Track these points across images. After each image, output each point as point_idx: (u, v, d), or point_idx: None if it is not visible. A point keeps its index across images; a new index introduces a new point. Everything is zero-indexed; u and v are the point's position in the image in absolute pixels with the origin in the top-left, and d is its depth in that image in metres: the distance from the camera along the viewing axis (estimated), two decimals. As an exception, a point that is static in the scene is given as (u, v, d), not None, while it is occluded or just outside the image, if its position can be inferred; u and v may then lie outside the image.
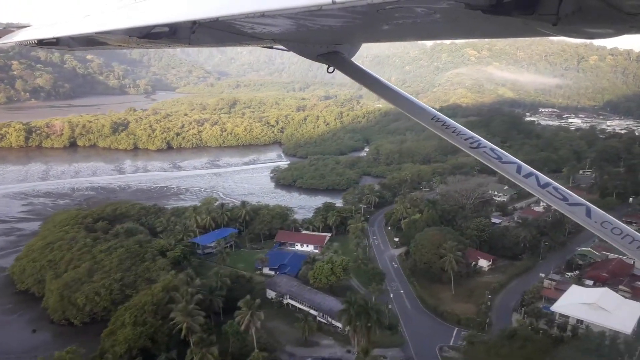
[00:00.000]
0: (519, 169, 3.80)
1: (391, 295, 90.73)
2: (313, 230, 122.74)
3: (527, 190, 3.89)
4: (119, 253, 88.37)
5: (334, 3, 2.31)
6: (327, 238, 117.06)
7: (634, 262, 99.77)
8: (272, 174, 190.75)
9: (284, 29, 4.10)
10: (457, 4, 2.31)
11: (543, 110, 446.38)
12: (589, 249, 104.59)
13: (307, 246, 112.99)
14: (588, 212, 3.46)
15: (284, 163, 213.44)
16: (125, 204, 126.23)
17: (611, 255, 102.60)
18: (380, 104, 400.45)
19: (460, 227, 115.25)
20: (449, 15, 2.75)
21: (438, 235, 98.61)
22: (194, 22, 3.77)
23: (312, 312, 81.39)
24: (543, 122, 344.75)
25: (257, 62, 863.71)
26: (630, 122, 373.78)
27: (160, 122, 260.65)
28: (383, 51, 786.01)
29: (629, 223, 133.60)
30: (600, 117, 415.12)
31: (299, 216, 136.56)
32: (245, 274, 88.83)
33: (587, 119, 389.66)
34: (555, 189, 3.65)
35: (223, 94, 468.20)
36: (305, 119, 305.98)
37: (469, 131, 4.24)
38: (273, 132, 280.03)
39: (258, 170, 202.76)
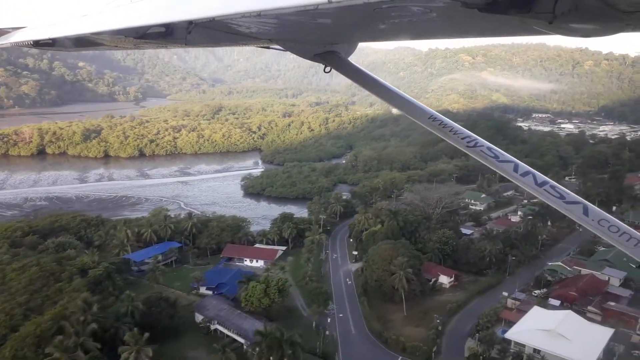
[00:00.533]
0: (516, 168, 3.83)
1: (336, 317, 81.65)
2: (268, 244, 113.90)
3: (524, 188, 3.89)
4: (31, 272, 79.31)
5: (330, 2, 2.29)
6: (279, 252, 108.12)
7: (608, 278, 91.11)
8: (242, 182, 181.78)
9: (281, 28, 4.17)
10: (453, 2, 2.30)
11: (536, 115, 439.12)
12: (559, 263, 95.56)
13: (257, 261, 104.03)
14: (585, 211, 3.49)
15: (258, 170, 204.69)
16: (66, 216, 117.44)
17: (584, 271, 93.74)
18: (368, 110, 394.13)
19: (422, 239, 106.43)
20: (445, 14, 2.76)
21: (390, 249, 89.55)
22: (190, 22, 3.71)
23: (240, 339, 72.32)
24: (535, 128, 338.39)
25: (254, 69, 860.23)
26: (624, 127, 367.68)
27: (135, 128, 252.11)
28: (379, 57, 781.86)
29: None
30: (594, 122, 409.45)
31: (259, 227, 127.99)
32: (171, 297, 79.56)
33: (579, 125, 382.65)
34: (553, 187, 3.65)
35: (214, 101, 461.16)
36: (289, 125, 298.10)
37: (466, 130, 4.25)
38: (253, 138, 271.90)
39: (229, 179, 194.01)
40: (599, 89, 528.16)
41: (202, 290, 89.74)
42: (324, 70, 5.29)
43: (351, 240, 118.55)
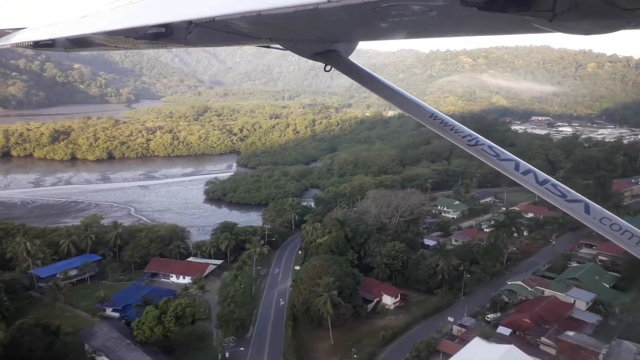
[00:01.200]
0: (517, 166, 3.80)
1: (250, 348, 70.40)
2: (205, 257, 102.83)
3: (526, 187, 3.83)
4: None
5: (329, 2, 2.32)
6: (210, 268, 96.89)
7: (573, 301, 79.38)
8: (206, 187, 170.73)
9: (280, 28, 4.23)
10: (453, 0, 2.31)
11: (535, 118, 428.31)
12: (520, 283, 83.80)
13: (185, 277, 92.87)
14: (587, 209, 3.49)
15: (226, 174, 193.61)
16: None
17: (548, 292, 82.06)
18: (367, 112, 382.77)
19: (372, 252, 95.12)
20: (445, 12, 2.77)
21: (319, 266, 78.22)
22: (190, 22, 3.73)
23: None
24: (531, 131, 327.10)
25: (254, 72, 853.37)
26: (624, 131, 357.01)
27: (107, 130, 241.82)
28: (381, 60, 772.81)
29: (589, 246, 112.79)
30: (595, 125, 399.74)
31: (206, 237, 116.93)
32: (54, 323, 68.23)
33: (578, 128, 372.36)
34: (554, 185, 3.65)
35: (200, 102, 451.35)
36: (273, 127, 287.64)
37: (467, 129, 4.21)
38: (232, 140, 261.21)
39: (195, 183, 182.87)
40: (602, 92, 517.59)
41: (109, 311, 78.81)
42: (324, 69, 5.17)
43: (300, 252, 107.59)
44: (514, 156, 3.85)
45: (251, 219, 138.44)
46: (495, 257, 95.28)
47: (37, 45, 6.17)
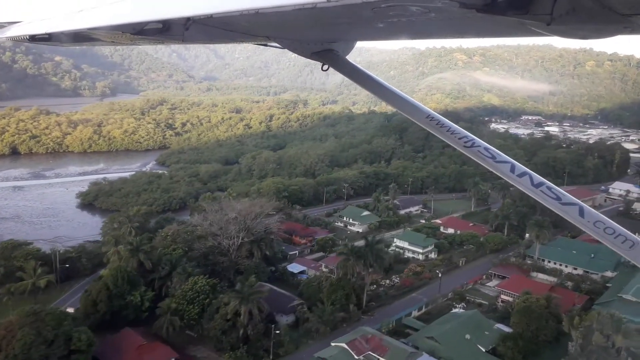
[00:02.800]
0: (512, 169, 3.82)
1: None
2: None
3: (521, 189, 3.84)
4: None
5: (328, 1, 2.32)
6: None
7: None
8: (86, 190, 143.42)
9: (278, 26, 4.24)
10: (451, 2, 2.31)
11: (525, 117, 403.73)
12: (343, 345, 55.80)
13: None
14: (581, 212, 3.50)
15: (128, 174, 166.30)
16: None
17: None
18: (323, 109, 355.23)
19: (174, 289, 67.83)
20: (443, 14, 2.76)
21: (6, 328, 50.85)
22: (187, 19, 3.74)
23: None
24: (515, 130, 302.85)
25: (251, 68, 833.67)
26: (616, 132, 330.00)
27: (21, 122, 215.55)
28: (382, 57, 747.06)
29: (500, 277, 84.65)
30: (587, 125, 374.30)
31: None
32: None
33: (567, 127, 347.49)
34: (549, 188, 3.66)
35: (189, 97, 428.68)
36: (221, 122, 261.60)
37: (464, 130, 4.23)
38: (164, 135, 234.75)
39: (85, 183, 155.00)
40: (600, 91, 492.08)
41: None
42: (322, 68, 5.18)
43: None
44: (510, 158, 3.85)
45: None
46: (344, 296, 67.48)
47: (33, 39, 5.96)
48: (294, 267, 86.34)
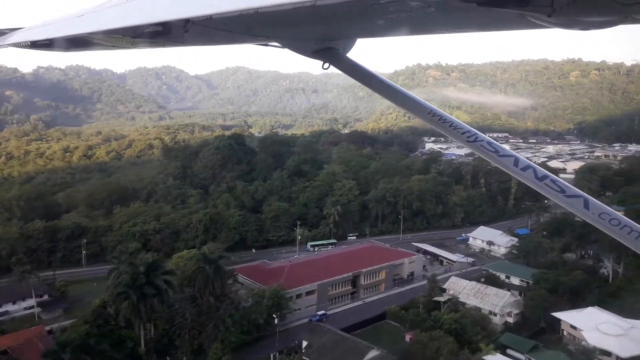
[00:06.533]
0: (516, 162, 3.78)
1: None
2: None
3: (525, 183, 3.79)
4: None
5: None
6: None
7: None
8: None
9: (278, 25, 4.27)
10: None
11: (492, 135, 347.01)
12: None
13: None
14: (586, 204, 3.47)
15: None
16: None
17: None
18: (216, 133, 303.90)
19: None
20: (443, 8, 2.79)
21: None
22: (187, 21, 3.72)
23: None
24: (457, 151, 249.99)
25: (238, 97, 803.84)
26: (582, 147, 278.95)
27: None
28: (346, 81, 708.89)
29: None
30: (555, 141, 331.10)
31: None
32: None
33: (530, 144, 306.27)
34: (553, 181, 3.64)
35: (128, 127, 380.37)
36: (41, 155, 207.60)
37: (466, 125, 4.23)
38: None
39: None
40: (585, 103, 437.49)
41: None
42: (322, 67, 4.99)
43: None
44: (513, 152, 3.82)
45: None
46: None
47: (35, 45, 5.84)
48: None
